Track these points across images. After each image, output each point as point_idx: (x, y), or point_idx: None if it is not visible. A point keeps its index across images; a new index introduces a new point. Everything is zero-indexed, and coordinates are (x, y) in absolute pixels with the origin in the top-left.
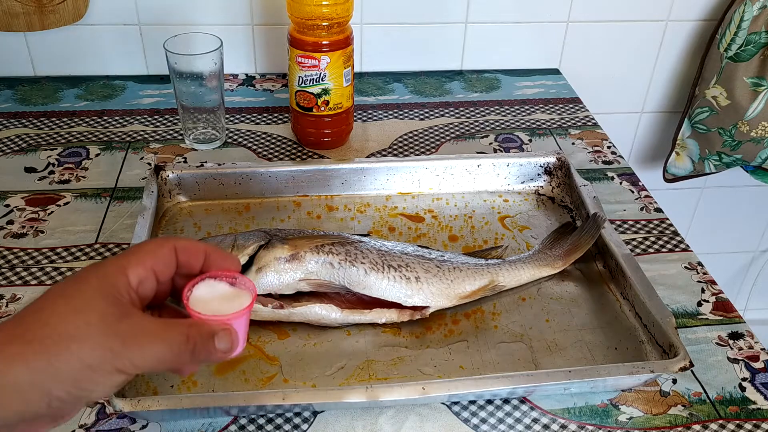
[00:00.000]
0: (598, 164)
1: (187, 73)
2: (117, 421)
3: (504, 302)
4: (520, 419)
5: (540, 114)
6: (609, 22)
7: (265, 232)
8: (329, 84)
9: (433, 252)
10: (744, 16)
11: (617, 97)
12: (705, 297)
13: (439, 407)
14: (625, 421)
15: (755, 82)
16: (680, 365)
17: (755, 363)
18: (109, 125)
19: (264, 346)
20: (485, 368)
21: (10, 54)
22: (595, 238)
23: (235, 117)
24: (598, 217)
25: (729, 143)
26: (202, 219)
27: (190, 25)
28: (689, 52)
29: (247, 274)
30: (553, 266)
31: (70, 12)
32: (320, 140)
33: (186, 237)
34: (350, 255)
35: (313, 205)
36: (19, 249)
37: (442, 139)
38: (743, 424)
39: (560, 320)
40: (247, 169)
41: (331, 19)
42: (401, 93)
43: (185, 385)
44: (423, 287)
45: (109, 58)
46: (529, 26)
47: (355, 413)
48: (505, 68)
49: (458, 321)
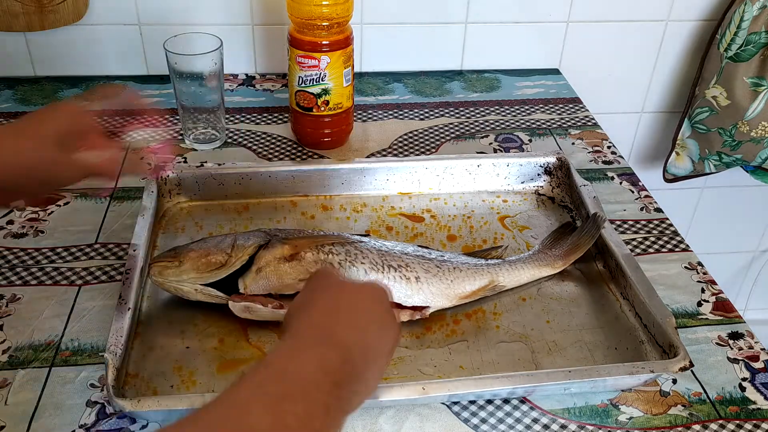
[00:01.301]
0: (598, 164)
1: (187, 73)
2: (117, 421)
3: (504, 302)
4: (520, 419)
5: (540, 114)
6: (609, 22)
7: (265, 232)
8: (329, 84)
9: (432, 252)
10: (744, 16)
11: (617, 97)
12: (705, 297)
13: (439, 407)
14: (625, 421)
15: (755, 82)
16: (680, 365)
17: (755, 363)
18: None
19: (264, 346)
20: (485, 368)
21: (10, 54)
22: (594, 238)
23: (235, 117)
24: (598, 217)
25: (729, 143)
26: (202, 219)
27: (190, 25)
28: (689, 52)
29: (247, 274)
30: (553, 266)
31: (70, 12)
32: (320, 140)
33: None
34: (350, 255)
35: (312, 205)
36: (19, 249)
37: (442, 139)
38: (743, 424)
39: (560, 320)
40: (247, 169)
41: (331, 19)
42: (401, 93)
43: (185, 385)
44: (423, 287)
45: (109, 58)
46: (529, 26)
47: (355, 413)
48: (505, 68)
49: (458, 321)
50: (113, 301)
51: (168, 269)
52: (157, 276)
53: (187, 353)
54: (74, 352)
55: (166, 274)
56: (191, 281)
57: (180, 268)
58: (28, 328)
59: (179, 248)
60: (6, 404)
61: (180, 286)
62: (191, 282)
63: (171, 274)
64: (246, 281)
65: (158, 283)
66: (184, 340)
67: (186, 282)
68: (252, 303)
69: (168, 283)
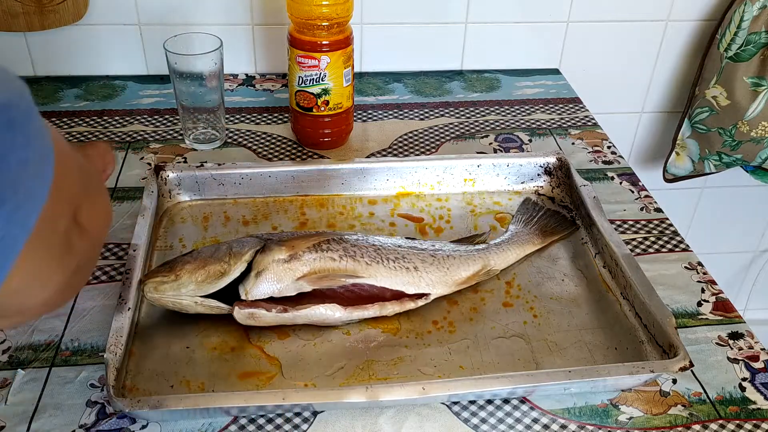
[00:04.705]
0: (598, 164)
1: (187, 73)
2: (117, 421)
3: (504, 302)
4: (520, 419)
5: (540, 114)
6: (609, 22)
7: (258, 237)
8: (329, 84)
9: (424, 242)
10: (744, 16)
11: (617, 97)
12: (705, 297)
13: (439, 407)
14: (625, 421)
15: (755, 82)
16: (680, 365)
17: (755, 363)
18: (109, 125)
19: (264, 346)
20: (485, 368)
21: (10, 54)
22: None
23: (235, 117)
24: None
25: (729, 143)
26: (202, 219)
27: (190, 25)
28: (689, 52)
29: (247, 280)
30: (534, 243)
31: (70, 12)
32: (320, 140)
33: (187, 235)
34: (348, 251)
35: (312, 205)
36: None
37: (442, 139)
38: (743, 424)
39: (560, 320)
40: (247, 169)
41: (331, 19)
42: (401, 93)
43: (185, 385)
44: (423, 276)
45: (109, 58)
46: (529, 26)
47: (355, 413)
48: (505, 68)
49: (458, 321)
50: (113, 301)
51: (164, 284)
52: (152, 292)
53: (187, 353)
54: (74, 352)
55: (163, 289)
56: (191, 294)
57: (177, 281)
58: (28, 328)
59: (171, 262)
60: (6, 404)
61: (179, 300)
62: (191, 295)
63: (168, 288)
64: (247, 287)
65: (153, 300)
66: (184, 340)
67: (185, 295)
68: (256, 309)
69: (165, 298)
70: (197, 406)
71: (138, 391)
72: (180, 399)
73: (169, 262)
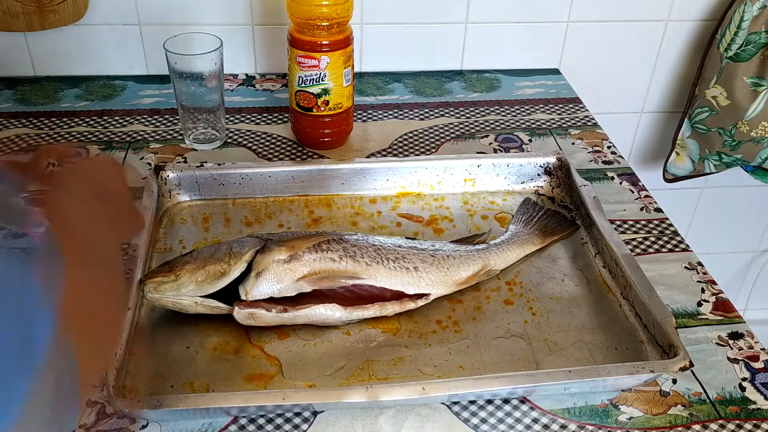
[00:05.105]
0: (598, 164)
1: (187, 73)
2: (117, 421)
3: (504, 302)
4: (520, 419)
5: (540, 114)
6: (609, 22)
7: (258, 237)
8: (329, 84)
9: (424, 243)
10: (744, 16)
11: (617, 97)
12: (705, 297)
13: (439, 407)
14: (625, 421)
15: (755, 82)
16: (680, 365)
17: (755, 363)
18: (109, 125)
19: (264, 346)
20: (485, 368)
21: (10, 54)
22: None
23: (235, 117)
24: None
25: (729, 143)
26: (202, 219)
27: (190, 25)
28: (689, 52)
29: (247, 280)
30: (534, 243)
31: (70, 12)
32: (320, 140)
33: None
34: (348, 251)
35: (313, 205)
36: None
37: (442, 139)
38: (743, 424)
39: (560, 320)
40: (247, 169)
41: (331, 19)
42: (401, 93)
43: (185, 385)
44: (423, 276)
45: (109, 58)
46: (529, 26)
47: (355, 413)
48: (505, 68)
49: (458, 321)
50: None
51: (164, 284)
52: (152, 292)
53: (187, 353)
54: None
55: (163, 290)
56: (191, 294)
57: (177, 281)
58: None
59: (171, 262)
60: None
61: (179, 300)
62: (191, 295)
63: (168, 288)
64: (247, 287)
65: (153, 300)
66: (184, 340)
67: (185, 295)
68: (256, 309)
69: (165, 298)
70: (197, 406)
71: (138, 391)
72: (180, 399)
73: (169, 262)
